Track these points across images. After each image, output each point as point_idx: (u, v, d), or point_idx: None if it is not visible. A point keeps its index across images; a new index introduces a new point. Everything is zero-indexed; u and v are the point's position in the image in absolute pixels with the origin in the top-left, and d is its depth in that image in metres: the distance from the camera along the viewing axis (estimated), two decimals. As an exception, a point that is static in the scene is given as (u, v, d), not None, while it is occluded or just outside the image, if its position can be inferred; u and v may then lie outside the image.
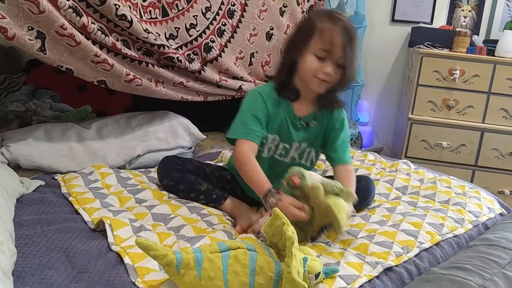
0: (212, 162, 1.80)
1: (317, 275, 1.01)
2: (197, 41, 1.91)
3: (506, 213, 1.62)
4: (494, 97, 2.59)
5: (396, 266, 1.15)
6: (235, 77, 2.08)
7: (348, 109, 3.05)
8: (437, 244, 1.29)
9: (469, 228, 1.41)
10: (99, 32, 1.52)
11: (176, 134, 1.90)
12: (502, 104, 2.59)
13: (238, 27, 2.06)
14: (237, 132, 1.39)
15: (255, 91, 1.43)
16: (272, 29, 2.18)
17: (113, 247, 1.11)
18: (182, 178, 1.48)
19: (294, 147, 1.47)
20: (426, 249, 1.25)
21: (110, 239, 1.14)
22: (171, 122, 1.93)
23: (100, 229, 1.22)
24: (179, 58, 1.78)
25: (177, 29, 1.84)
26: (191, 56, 1.89)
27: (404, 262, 1.18)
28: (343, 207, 1.15)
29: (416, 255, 1.21)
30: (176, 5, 1.83)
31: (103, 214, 1.27)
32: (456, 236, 1.35)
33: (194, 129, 1.98)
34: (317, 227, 1.23)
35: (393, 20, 3.01)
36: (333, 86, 1.38)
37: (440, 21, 3.00)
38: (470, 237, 1.38)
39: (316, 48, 1.30)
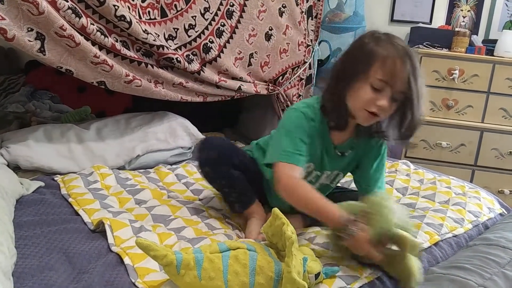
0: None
1: (317, 275, 1.01)
2: (196, 41, 1.91)
3: (506, 213, 1.62)
4: (493, 97, 2.59)
5: None
6: (234, 78, 2.07)
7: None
8: (436, 244, 1.29)
9: (469, 228, 1.41)
10: (99, 33, 1.52)
11: (175, 135, 1.90)
12: (502, 104, 2.59)
13: (237, 28, 2.06)
14: (284, 155, 1.20)
15: (299, 112, 1.25)
16: (271, 29, 2.18)
17: (113, 248, 1.11)
18: (228, 174, 1.35)
19: (326, 175, 1.37)
20: (425, 249, 1.25)
21: (110, 240, 1.14)
22: (170, 123, 1.93)
23: (99, 230, 1.22)
24: (178, 59, 1.78)
25: (176, 29, 1.84)
26: (190, 57, 1.89)
27: None
28: (418, 267, 1.06)
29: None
30: (175, 5, 1.82)
31: (102, 215, 1.27)
32: (455, 236, 1.35)
33: (194, 129, 1.98)
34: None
35: (392, 20, 3.01)
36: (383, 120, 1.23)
37: (439, 21, 3.00)
38: (470, 237, 1.38)
39: (375, 78, 1.13)
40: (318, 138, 1.28)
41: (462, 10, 3.01)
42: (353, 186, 1.56)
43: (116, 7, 1.53)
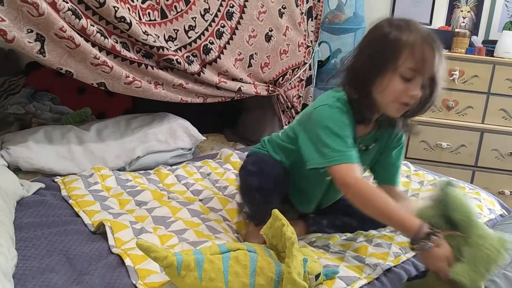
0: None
1: (317, 276, 1.01)
2: (196, 43, 1.91)
3: (506, 214, 1.62)
4: (493, 97, 2.59)
5: (395, 266, 1.15)
6: (234, 79, 2.08)
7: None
8: None
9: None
10: (98, 34, 1.52)
11: (175, 136, 1.90)
12: (502, 105, 2.59)
13: (237, 29, 2.06)
14: (339, 156, 1.11)
15: (335, 108, 1.16)
16: (271, 30, 2.18)
17: (114, 250, 1.11)
18: (274, 201, 1.28)
19: None
20: None
21: (111, 241, 1.14)
22: (170, 124, 1.93)
23: (100, 232, 1.22)
24: (178, 60, 1.78)
25: (176, 31, 1.84)
26: (190, 58, 1.89)
27: (402, 262, 1.18)
28: None
29: (414, 256, 1.21)
30: (175, 7, 1.83)
31: (103, 217, 1.27)
32: None
33: (194, 130, 1.98)
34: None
35: (392, 21, 3.01)
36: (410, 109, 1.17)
37: (439, 22, 3.00)
38: None
39: (405, 68, 1.08)
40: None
41: (462, 11, 3.00)
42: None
43: (116, 8, 1.53)
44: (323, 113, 1.17)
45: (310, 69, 2.48)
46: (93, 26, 1.52)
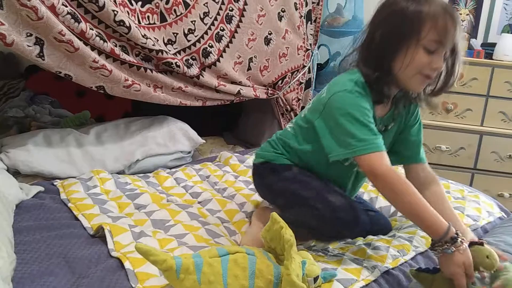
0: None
1: (315, 279, 1.01)
2: (195, 46, 1.92)
3: (505, 216, 1.62)
4: (492, 100, 2.59)
5: (393, 269, 1.15)
6: (233, 82, 2.08)
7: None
8: None
9: (468, 232, 1.40)
10: (98, 38, 1.53)
11: (175, 139, 1.91)
12: (501, 107, 2.59)
13: (237, 32, 2.06)
14: (367, 145, 1.06)
15: (355, 93, 1.10)
16: (270, 34, 2.18)
17: (113, 253, 1.11)
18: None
19: None
20: (421, 253, 1.24)
21: (110, 245, 1.14)
22: (170, 127, 1.94)
23: (99, 235, 1.22)
24: (178, 63, 1.79)
25: (175, 34, 1.85)
26: (189, 61, 1.89)
27: (400, 264, 1.17)
28: None
29: (412, 258, 1.20)
30: (174, 10, 1.83)
31: (102, 220, 1.27)
32: None
33: (193, 133, 1.98)
34: None
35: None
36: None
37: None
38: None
39: (428, 40, 1.06)
40: None
41: (461, 14, 3.01)
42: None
43: (115, 12, 1.54)
44: (344, 99, 1.10)
45: (309, 72, 2.48)
46: (92, 29, 1.52)
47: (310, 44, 2.42)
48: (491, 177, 2.65)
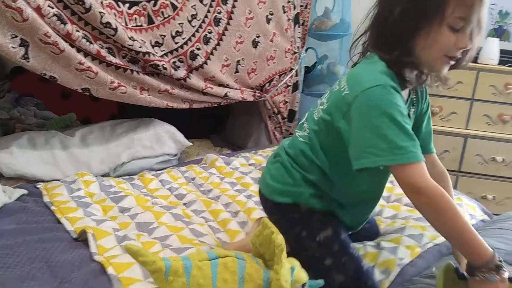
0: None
1: (303, 285, 1.01)
2: (182, 48, 1.91)
3: (488, 219, 1.64)
4: (477, 103, 2.62)
5: None
6: (221, 85, 2.08)
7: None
8: (418, 257, 1.25)
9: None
10: (84, 40, 1.52)
11: (161, 141, 1.90)
12: (485, 111, 2.62)
13: (224, 35, 2.06)
14: (406, 153, 0.91)
15: (389, 87, 0.95)
16: (258, 36, 2.19)
17: (96, 257, 1.10)
18: None
19: None
20: (407, 264, 1.22)
21: (93, 248, 1.13)
22: (156, 130, 1.93)
23: (82, 239, 1.21)
24: (165, 66, 1.78)
25: (162, 36, 1.84)
26: (176, 64, 1.89)
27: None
28: None
29: (397, 275, 1.17)
30: (162, 12, 1.82)
31: (86, 224, 1.26)
32: (437, 245, 1.32)
33: (180, 136, 1.98)
34: None
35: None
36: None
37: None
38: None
39: (453, 17, 0.94)
40: None
41: (446, 18, 3.04)
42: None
43: (101, 14, 1.53)
44: (378, 96, 0.95)
45: (296, 75, 2.49)
46: (79, 31, 1.51)
47: (298, 47, 2.42)
48: (475, 179, 2.67)
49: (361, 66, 1.05)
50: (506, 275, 0.90)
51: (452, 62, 1.01)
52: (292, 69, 2.42)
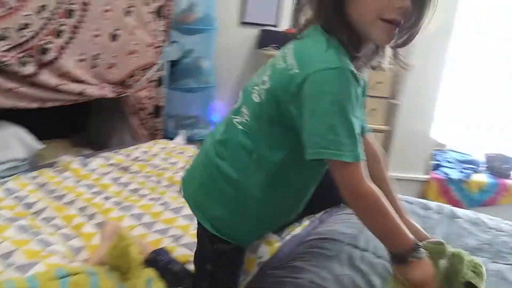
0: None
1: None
2: (31, 42, 1.76)
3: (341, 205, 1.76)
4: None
5: None
6: (76, 81, 1.96)
7: (204, 110, 3.06)
8: (279, 250, 1.30)
9: (306, 224, 1.49)
10: None
11: (7, 146, 1.74)
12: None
13: (80, 27, 1.94)
14: (347, 150, 0.82)
15: (347, 71, 0.82)
16: (117, 29, 2.10)
17: None
18: None
19: None
20: (269, 259, 1.26)
21: None
22: (1, 133, 1.75)
23: None
24: (9, 62, 1.63)
25: (6, 29, 1.68)
26: (24, 59, 1.74)
27: None
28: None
29: (258, 274, 1.20)
30: (5, 3, 1.66)
31: None
32: (294, 236, 1.40)
33: (30, 138, 1.83)
34: None
35: (242, 22, 3.09)
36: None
37: (285, 24, 3.16)
38: (307, 233, 1.45)
39: None
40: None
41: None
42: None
43: None
44: (335, 81, 0.81)
45: (161, 70, 2.44)
46: None
47: (162, 41, 2.38)
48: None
49: (307, 42, 0.89)
50: (422, 250, 0.89)
51: (396, 31, 0.86)
52: (155, 64, 2.37)
